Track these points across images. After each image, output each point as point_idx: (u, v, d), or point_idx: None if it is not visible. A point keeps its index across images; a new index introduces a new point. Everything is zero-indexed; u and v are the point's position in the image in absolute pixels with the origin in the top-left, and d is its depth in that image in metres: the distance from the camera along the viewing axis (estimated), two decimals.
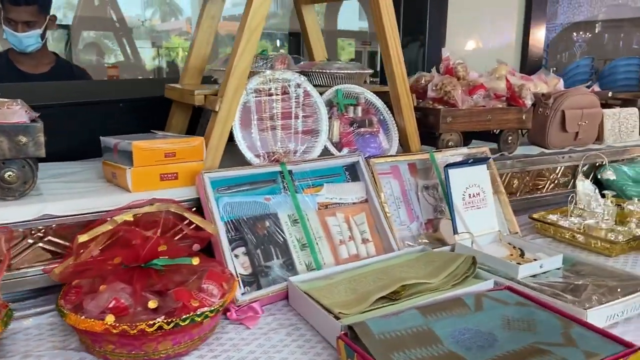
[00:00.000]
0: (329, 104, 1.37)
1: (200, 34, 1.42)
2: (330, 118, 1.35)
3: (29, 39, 1.81)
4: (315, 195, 1.22)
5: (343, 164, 1.29)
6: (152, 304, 0.84)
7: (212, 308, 0.86)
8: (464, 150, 1.45)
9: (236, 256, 1.09)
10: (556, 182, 1.73)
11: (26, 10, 1.79)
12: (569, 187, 1.74)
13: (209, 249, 1.08)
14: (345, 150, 1.34)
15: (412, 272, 1.07)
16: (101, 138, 1.22)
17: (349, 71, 1.44)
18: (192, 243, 1.00)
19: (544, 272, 1.16)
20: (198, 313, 0.84)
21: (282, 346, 0.91)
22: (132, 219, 0.90)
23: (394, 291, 1.00)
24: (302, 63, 1.49)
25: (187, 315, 0.83)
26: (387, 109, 1.44)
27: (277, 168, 1.19)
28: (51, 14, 1.89)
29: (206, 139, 1.19)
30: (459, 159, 1.41)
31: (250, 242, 1.11)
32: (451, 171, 1.28)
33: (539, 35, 2.98)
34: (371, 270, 1.08)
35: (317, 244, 1.16)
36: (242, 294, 1.04)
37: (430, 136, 1.50)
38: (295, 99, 1.29)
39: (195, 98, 1.22)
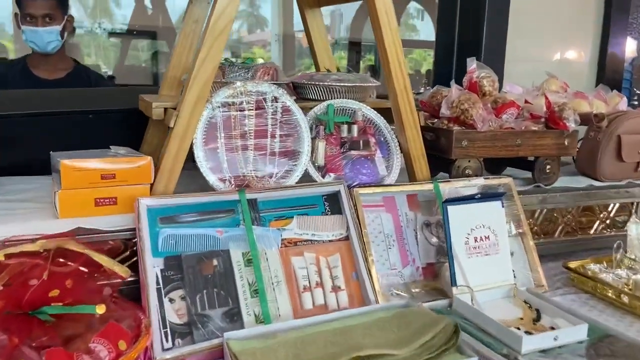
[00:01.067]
0: (317, 122, 1.17)
1: (182, 39, 1.27)
2: (314, 138, 1.15)
3: (50, 34, 1.76)
4: (281, 230, 1.03)
5: (321, 193, 1.09)
6: None
7: None
8: (480, 181, 1.20)
9: (171, 300, 0.92)
10: (607, 222, 1.43)
11: (45, 3, 1.75)
12: (624, 229, 1.43)
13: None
14: (331, 177, 1.14)
15: (378, 337, 0.85)
16: (51, 153, 1.09)
17: (347, 84, 1.24)
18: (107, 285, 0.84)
19: (560, 347, 0.90)
20: None
21: None
22: (2, 258, 0.75)
23: None
24: (300, 74, 1.31)
25: None
26: (390, 128, 1.23)
27: (235, 196, 1.01)
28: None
29: (160, 159, 1.03)
30: (473, 191, 1.17)
31: (190, 284, 0.93)
32: (451, 208, 1.04)
33: (619, 47, 2.62)
34: (328, 330, 0.87)
35: (273, 289, 0.97)
36: (166, 349, 0.86)
37: (444, 163, 1.26)
38: (272, 114, 1.11)
39: (153, 111, 1.07)
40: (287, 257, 1.01)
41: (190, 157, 1.05)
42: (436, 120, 1.31)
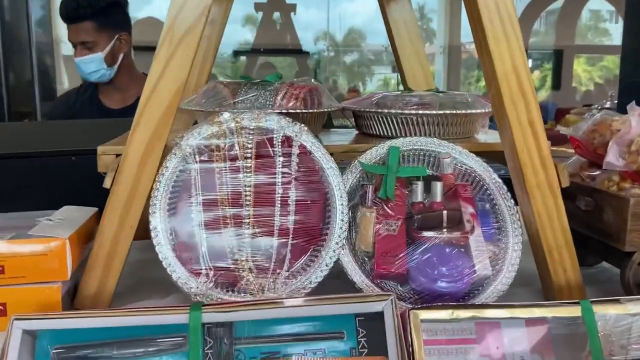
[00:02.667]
0: (366, 179, 0.69)
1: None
2: (355, 207, 0.67)
3: (89, 65, 1.50)
4: None
5: (352, 311, 0.60)
6: None
7: None
8: None
9: None
10: None
11: (79, 28, 1.49)
12: None
13: None
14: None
15: None
16: None
17: (431, 111, 0.74)
18: None
19: None
20: None
21: None
22: None
23: None
24: (364, 96, 0.84)
25: None
26: (504, 189, 0.69)
27: (183, 318, 0.58)
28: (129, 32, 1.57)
29: (96, 241, 0.64)
30: None
31: None
32: None
33: None
34: None
35: None
36: None
37: (610, 252, 0.69)
38: (284, 165, 0.66)
39: (99, 164, 0.68)
40: None
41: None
42: (597, 172, 0.73)
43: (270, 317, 0.59)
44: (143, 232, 0.65)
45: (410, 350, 0.57)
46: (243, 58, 4.25)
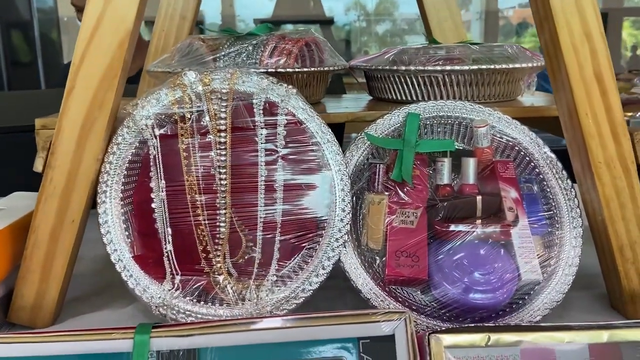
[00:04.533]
0: (376, 156, 0.54)
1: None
2: (362, 193, 0.52)
3: None
4: None
5: (352, 335, 0.45)
6: None
7: None
8: None
9: None
10: None
11: None
12: None
13: None
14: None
15: None
16: None
17: (462, 67, 0.57)
18: None
19: None
20: None
21: None
22: None
23: None
24: (371, 54, 0.68)
25: None
26: (559, 167, 0.53)
27: (126, 345, 0.43)
28: None
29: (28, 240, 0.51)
30: None
31: None
32: None
33: None
34: None
35: None
36: None
37: None
38: (267, 139, 0.51)
39: (37, 137, 0.54)
40: None
41: None
42: None
43: (244, 342, 0.44)
44: None
45: None
46: None
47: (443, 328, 0.48)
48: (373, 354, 0.45)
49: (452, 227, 0.50)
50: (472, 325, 0.46)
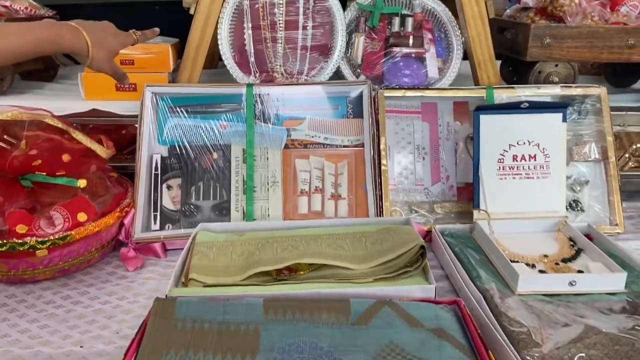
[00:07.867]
0: (361, 13, 1.03)
1: None
2: (352, 33, 1.02)
3: None
4: (290, 130, 0.95)
5: (345, 93, 0.97)
6: None
7: (43, 239, 0.74)
8: (553, 89, 0.95)
9: (169, 187, 0.93)
10: None
11: None
12: None
13: None
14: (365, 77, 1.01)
15: (345, 250, 0.76)
16: None
17: None
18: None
19: (580, 294, 0.70)
20: (20, 242, 0.74)
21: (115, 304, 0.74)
22: None
23: (292, 269, 0.73)
24: None
25: (7, 241, 0.74)
26: (454, 22, 1.03)
27: (242, 89, 0.96)
28: None
29: (185, 48, 1.02)
30: (546, 101, 0.93)
31: (188, 173, 0.93)
32: (485, 118, 0.85)
33: None
34: (296, 235, 0.80)
35: (267, 190, 0.92)
36: (154, 230, 0.89)
37: (525, 68, 1.03)
38: (305, 2, 1.00)
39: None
40: (291, 158, 0.94)
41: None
42: (520, 13, 1.06)
43: (293, 95, 0.96)
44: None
45: (376, 114, 0.94)
46: None
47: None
48: (354, 105, 0.97)
49: (394, 50, 1.01)
50: (397, 87, 0.97)
